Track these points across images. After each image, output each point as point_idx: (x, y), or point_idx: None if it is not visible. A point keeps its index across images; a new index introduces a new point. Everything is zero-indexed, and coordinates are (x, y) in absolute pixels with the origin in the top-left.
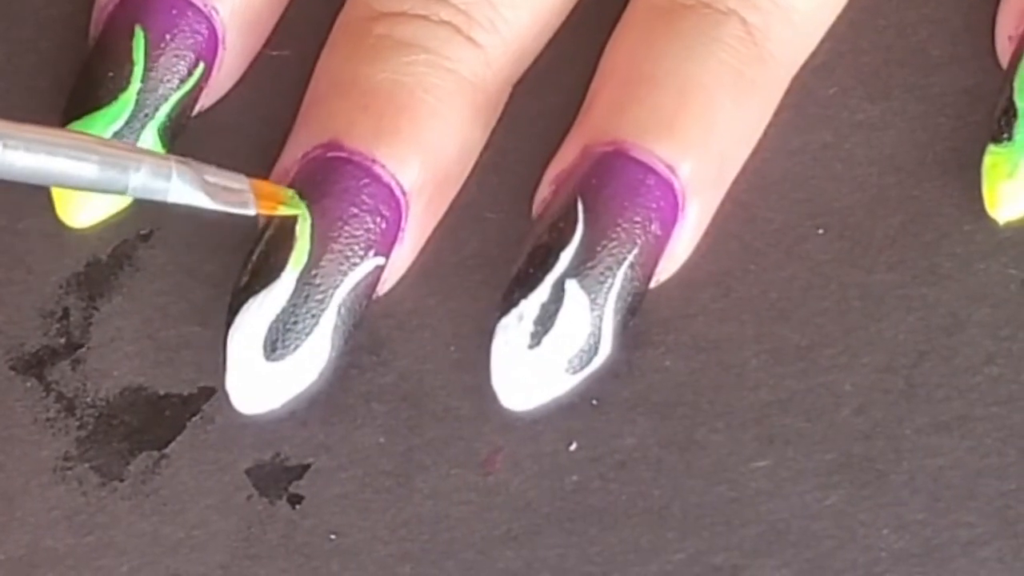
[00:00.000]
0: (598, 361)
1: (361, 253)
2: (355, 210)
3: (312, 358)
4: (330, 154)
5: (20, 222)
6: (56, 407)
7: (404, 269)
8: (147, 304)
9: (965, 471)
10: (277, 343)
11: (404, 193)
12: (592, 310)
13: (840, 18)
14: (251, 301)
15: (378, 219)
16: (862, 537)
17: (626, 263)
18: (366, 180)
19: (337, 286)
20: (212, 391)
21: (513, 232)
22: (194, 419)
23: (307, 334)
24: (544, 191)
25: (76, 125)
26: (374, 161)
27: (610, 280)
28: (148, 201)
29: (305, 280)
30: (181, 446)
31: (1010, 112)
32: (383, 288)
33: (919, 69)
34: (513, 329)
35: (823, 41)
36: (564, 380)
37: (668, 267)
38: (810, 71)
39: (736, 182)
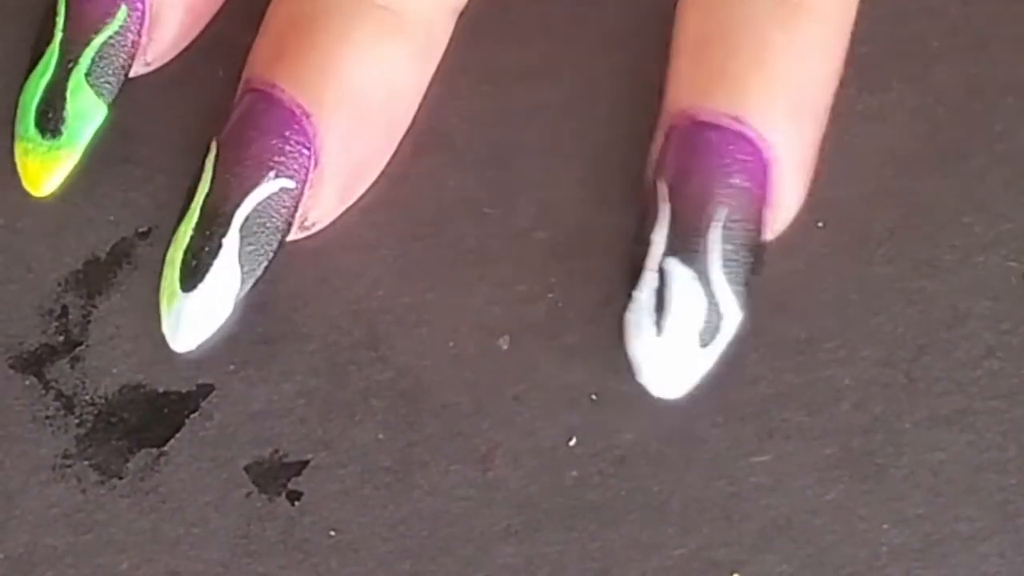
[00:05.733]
0: (730, 327)
1: (261, 173)
2: (253, 133)
3: (222, 285)
4: (246, 91)
5: (19, 221)
6: (55, 405)
7: (333, 204)
8: (145, 302)
9: (965, 465)
10: (191, 272)
11: (308, 115)
12: (699, 280)
13: None
14: (173, 236)
15: (278, 141)
16: (862, 532)
17: (719, 227)
18: (264, 104)
19: (238, 205)
20: (211, 388)
21: (511, 227)
22: (193, 416)
23: (213, 257)
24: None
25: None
26: (274, 86)
27: (703, 247)
28: (145, 195)
29: (206, 206)
30: (180, 443)
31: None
32: (316, 226)
33: (918, 60)
34: (642, 322)
35: None
36: (703, 355)
37: (782, 215)
38: None
39: None
